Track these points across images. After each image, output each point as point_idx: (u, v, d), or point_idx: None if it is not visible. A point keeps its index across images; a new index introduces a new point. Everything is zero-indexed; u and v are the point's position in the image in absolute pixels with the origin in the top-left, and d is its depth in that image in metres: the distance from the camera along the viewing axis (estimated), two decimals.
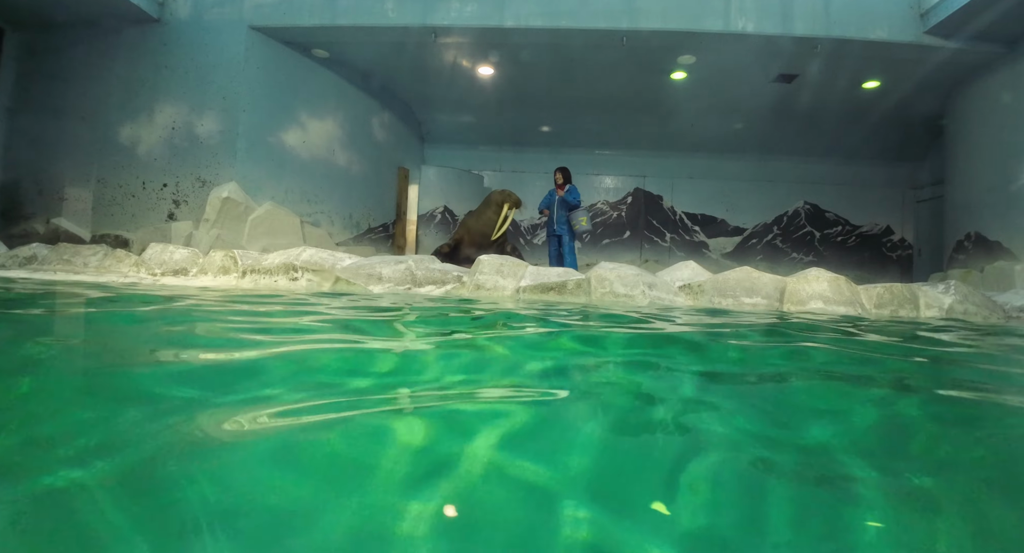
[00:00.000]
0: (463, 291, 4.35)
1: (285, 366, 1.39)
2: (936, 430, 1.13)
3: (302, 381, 1.28)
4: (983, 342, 2.60)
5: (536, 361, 1.68)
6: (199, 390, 1.13)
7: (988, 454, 0.99)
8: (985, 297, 4.39)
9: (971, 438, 1.08)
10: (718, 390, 1.44)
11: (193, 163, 7.19)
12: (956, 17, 6.50)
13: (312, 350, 1.67)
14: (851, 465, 0.87)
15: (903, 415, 1.24)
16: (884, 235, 12.23)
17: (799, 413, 1.22)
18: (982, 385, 1.60)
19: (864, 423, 1.16)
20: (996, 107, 7.32)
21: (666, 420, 1.11)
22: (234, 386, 1.18)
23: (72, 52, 7.43)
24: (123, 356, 1.62)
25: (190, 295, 3.28)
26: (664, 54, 7.77)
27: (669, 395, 1.31)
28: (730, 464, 0.87)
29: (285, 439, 0.88)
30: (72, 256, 5.31)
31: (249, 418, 0.93)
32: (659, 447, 0.98)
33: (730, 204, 12.34)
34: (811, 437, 1.03)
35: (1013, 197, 6.93)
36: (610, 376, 1.58)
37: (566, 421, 1.08)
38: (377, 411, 1.02)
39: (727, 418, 1.10)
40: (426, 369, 1.53)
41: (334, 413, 0.98)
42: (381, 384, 1.29)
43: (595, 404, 1.21)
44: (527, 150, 12.41)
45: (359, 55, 8.28)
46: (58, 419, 0.94)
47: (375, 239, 9.99)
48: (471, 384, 1.32)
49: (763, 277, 4.42)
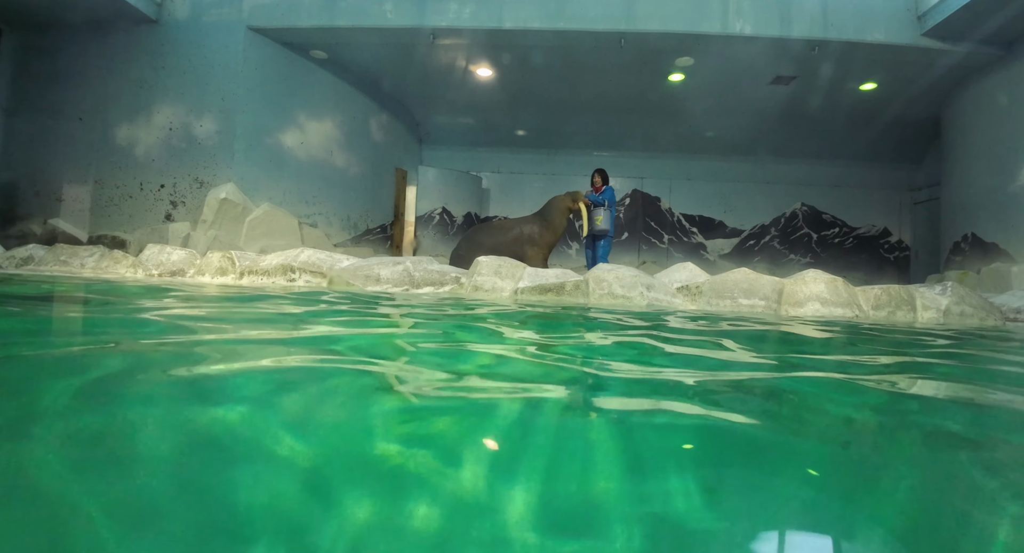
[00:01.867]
0: (461, 292, 4.35)
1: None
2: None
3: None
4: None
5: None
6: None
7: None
8: (982, 298, 4.40)
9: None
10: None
11: (191, 164, 7.19)
12: (953, 19, 6.52)
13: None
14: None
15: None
16: (881, 237, 12.27)
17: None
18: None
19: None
20: (992, 109, 7.34)
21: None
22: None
23: (69, 52, 7.42)
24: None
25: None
26: (662, 56, 7.79)
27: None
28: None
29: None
30: (69, 257, 5.30)
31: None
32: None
33: (728, 206, 12.37)
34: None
35: (1010, 199, 6.95)
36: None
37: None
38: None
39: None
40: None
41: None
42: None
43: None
44: (525, 151, 12.42)
45: (357, 56, 8.28)
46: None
47: (373, 240, 9.98)
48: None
49: (761, 279, 4.42)
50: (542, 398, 1.05)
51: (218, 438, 0.75)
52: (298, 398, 0.96)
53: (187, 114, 7.22)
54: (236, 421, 0.79)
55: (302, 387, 1.02)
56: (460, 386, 1.12)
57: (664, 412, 1.00)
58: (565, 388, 1.17)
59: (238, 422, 0.79)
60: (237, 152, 7.18)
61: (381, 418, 0.89)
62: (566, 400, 1.05)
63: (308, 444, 0.73)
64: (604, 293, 4.32)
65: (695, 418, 0.96)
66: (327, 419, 0.87)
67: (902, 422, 1.06)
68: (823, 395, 1.26)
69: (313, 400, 0.96)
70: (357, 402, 0.98)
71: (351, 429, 0.84)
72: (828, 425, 1.02)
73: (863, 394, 1.25)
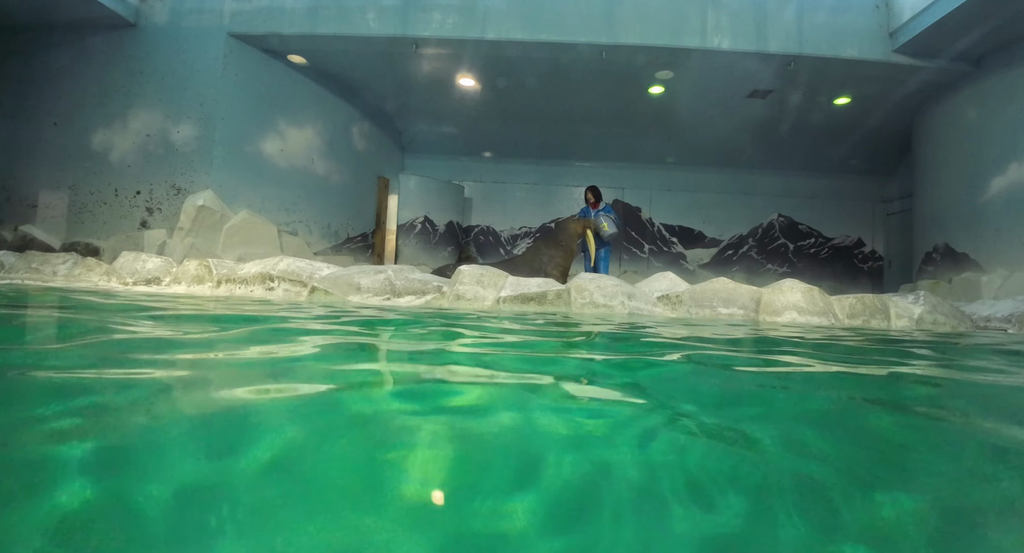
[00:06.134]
0: (443, 301, 4.33)
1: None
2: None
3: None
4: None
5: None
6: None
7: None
8: (954, 307, 4.51)
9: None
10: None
11: (168, 170, 7.08)
12: (924, 37, 6.73)
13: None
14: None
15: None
16: (856, 247, 12.53)
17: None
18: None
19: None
20: (962, 123, 7.57)
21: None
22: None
23: (45, 56, 7.28)
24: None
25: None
26: (643, 69, 7.90)
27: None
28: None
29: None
30: (40, 264, 5.18)
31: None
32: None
33: (707, 216, 12.54)
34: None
35: (979, 210, 7.15)
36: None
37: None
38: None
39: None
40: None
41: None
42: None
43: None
44: (508, 161, 12.48)
45: (340, 64, 8.26)
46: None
47: (354, 249, 9.92)
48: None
49: (739, 288, 4.48)
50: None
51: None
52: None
53: (165, 120, 7.12)
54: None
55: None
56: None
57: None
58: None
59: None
60: (216, 158, 7.09)
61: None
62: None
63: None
64: (586, 302, 4.34)
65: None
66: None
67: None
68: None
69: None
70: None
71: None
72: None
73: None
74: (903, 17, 6.92)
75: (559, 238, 7.04)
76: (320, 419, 0.91)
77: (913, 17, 6.74)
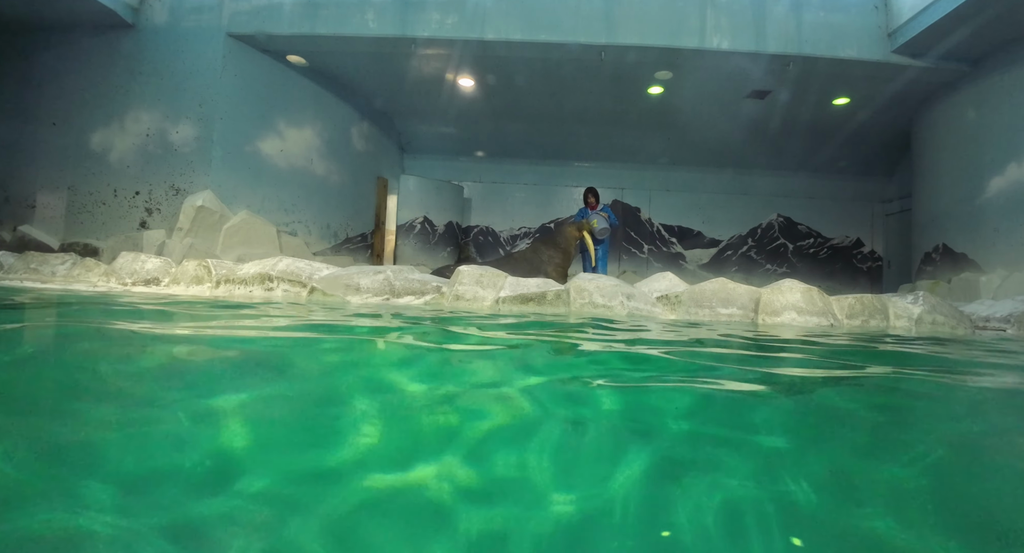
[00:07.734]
0: (443, 302, 4.33)
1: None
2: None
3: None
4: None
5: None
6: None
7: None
8: (953, 307, 4.51)
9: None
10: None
11: (167, 171, 7.07)
12: (922, 37, 6.73)
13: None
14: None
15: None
16: (854, 247, 12.53)
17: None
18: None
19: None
20: (961, 123, 7.57)
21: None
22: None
23: (43, 56, 7.27)
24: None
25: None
26: (642, 69, 7.90)
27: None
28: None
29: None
30: (39, 265, 5.17)
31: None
32: None
33: (706, 216, 12.55)
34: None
35: (977, 210, 7.15)
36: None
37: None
38: None
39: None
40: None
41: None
42: None
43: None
44: (507, 161, 12.47)
45: (339, 64, 8.25)
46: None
47: (353, 249, 9.91)
48: None
49: (738, 288, 4.48)
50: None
51: None
52: None
53: (164, 120, 7.12)
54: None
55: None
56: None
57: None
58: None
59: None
60: (215, 159, 7.08)
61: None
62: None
63: None
64: (585, 303, 4.34)
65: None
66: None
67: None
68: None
69: None
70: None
71: None
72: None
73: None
74: (902, 17, 6.93)
75: (557, 240, 7.06)
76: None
77: (912, 17, 6.74)
